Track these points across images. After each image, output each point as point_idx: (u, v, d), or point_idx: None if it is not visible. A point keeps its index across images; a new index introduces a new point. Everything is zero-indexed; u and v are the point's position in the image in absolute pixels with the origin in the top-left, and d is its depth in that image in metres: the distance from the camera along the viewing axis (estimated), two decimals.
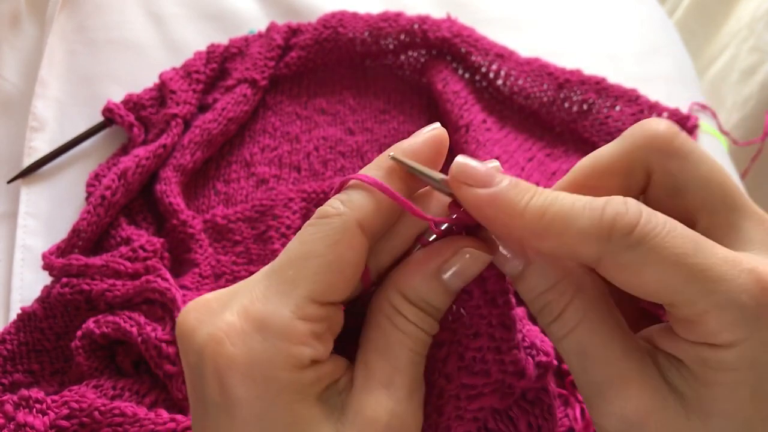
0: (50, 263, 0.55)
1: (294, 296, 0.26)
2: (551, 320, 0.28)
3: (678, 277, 0.24)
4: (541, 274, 0.28)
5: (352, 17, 0.72)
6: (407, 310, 0.28)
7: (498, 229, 0.27)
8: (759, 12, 0.95)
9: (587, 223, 0.25)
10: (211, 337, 0.26)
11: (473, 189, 0.27)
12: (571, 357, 0.28)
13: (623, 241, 0.25)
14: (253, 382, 0.25)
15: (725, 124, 0.80)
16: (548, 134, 0.71)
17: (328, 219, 0.27)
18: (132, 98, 0.68)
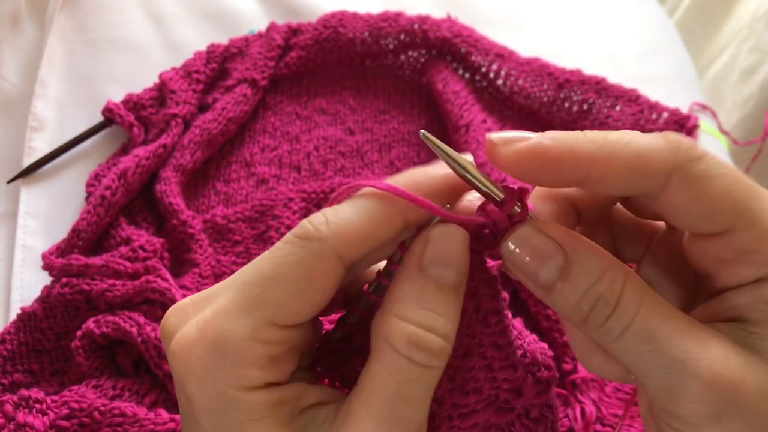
0: (50, 263, 0.55)
1: (255, 317, 0.25)
2: (608, 314, 0.25)
3: (738, 196, 0.24)
4: (586, 267, 0.25)
5: (352, 17, 0.72)
6: (399, 334, 0.25)
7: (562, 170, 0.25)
8: (759, 12, 0.95)
9: (653, 139, 0.25)
10: (174, 347, 0.26)
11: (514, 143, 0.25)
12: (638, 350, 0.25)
13: (690, 153, 0.25)
14: (207, 397, 0.25)
15: (725, 124, 0.80)
16: None
17: (307, 242, 0.25)
18: (132, 98, 0.68)
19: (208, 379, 0.25)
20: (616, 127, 0.69)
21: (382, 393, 0.25)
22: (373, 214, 0.26)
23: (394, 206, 0.26)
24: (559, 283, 0.25)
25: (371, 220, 0.25)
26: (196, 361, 0.25)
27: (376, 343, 0.26)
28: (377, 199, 0.26)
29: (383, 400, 0.25)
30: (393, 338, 0.25)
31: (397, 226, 0.26)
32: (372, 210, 0.26)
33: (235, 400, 0.25)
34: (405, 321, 0.25)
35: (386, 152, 0.69)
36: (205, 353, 0.25)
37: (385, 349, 0.25)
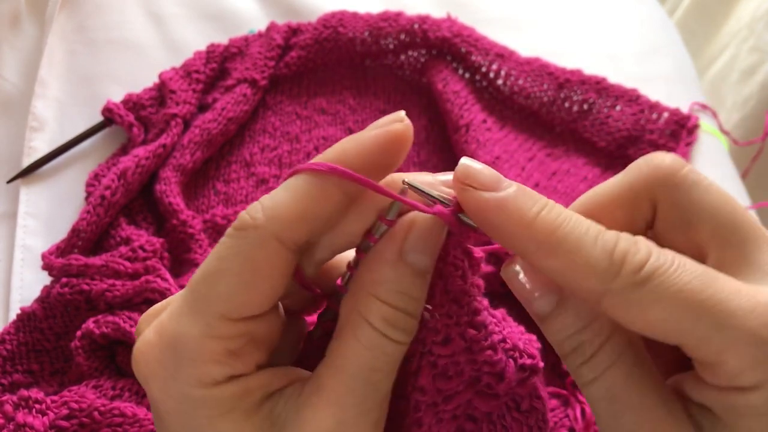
0: (50, 263, 0.54)
1: (205, 314, 0.25)
2: (583, 361, 0.26)
3: (688, 315, 0.23)
4: (576, 312, 0.26)
5: (352, 17, 0.72)
6: (376, 313, 0.26)
7: (502, 238, 0.26)
8: (759, 12, 0.95)
9: (598, 253, 0.24)
10: (135, 353, 0.26)
11: (479, 193, 0.25)
12: (599, 402, 0.26)
13: (631, 279, 0.23)
14: (171, 398, 0.26)
15: (725, 124, 0.80)
16: (548, 134, 0.71)
17: (244, 232, 0.25)
18: (132, 98, 0.67)
19: (169, 381, 0.25)
20: (617, 127, 0.69)
21: (355, 365, 0.26)
22: (305, 192, 0.25)
23: (327, 180, 0.26)
24: (550, 318, 0.27)
25: (304, 198, 0.25)
26: (156, 364, 0.26)
27: (351, 318, 0.27)
28: (308, 176, 0.26)
29: (356, 371, 0.26)
30: (371, 316, 0.26)
31: (335, 198, 0.26)
32: (304, 188, 0.26)
33: (197, 398, 0.25)
34: (383, 302, 0.26)
35: None
36: (162, 356, 0.26)
37: (362, 325, 0.26)
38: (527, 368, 0.30)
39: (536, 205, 0.25)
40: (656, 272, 0.23)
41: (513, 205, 0.25)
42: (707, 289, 0.23)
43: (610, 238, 0.24)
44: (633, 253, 0.24)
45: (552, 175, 0.68)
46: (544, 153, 0.70)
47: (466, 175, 0.26)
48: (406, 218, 0.27)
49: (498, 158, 0.65)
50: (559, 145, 0.70)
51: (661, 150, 0.69)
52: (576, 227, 0.24)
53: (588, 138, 0.70)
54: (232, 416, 0.26)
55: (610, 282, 0.24)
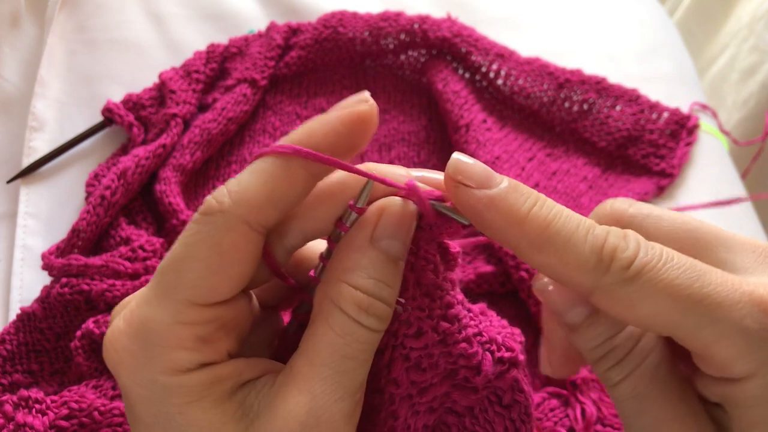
0: (50, 263, 0.54)
1: (174, 300, 0.25)
2: (613, 364, 0.27)
3: (676, 309, 0.24)
4: (609, 320, 0.27)
5: (352, 17, 0.72)
6: (349, 300, 0.26)
7: (494, 234, 0.26)
8: (759, 12, 0.95)
9: (588, 250, 0.24)
10: (105, 342, 0.26)
11: (470, 190, 0.25)
12: (626, 402, 0.27)
13: (620, 275, 0.24)
14: (140, 386, 0.25)
15: (725, 124, 0.80)
16: (548, 134, 0.71)
17: (211, 216, 0.25)
18: (132, 98, 0.67)
19: (138, 369, 0.25)
20: (617, 127, 0.69)
21: (329, 352, 0.26)
22: (271, 174, 0.25)
23: (292, 162, 0.25)
24: (584, 326, 0.27)
25: (271, 180, 0.25)
26: (124, 352, 0.26)
27: (324, 306, 0.26)
28: (274, 159, 0.26)
29: (330, 358, 0.26)
30: (344, 303, 0.26)
31: (301, 179, 0.26)
32: (270, 170, 0.25)
33: (167, 385, 0.25)
34: (356, 289, 0.26)
35: (386, 152, 0.69)
36: (131, 343, 0.25)
37: (334, 312, 0.26)
38: (506, 361, 0.30)
39: (528, 201, 0.25)
40: (645, 268, 0.24)
41: (504, 203, 0.25)
42: (694, 283, 0.24)
43: (600, 233, 0.25)
44: (622, 249, 0.24)
45: (552, 175, 0.68)
46: (544, 153, 0.70)
47: (457, 171, 0.26)
48: (376, 204, 0.27)
49: (498, 158, 0.65)
50: (559, 145, 0.70)
51: (661, 150, 0.68)
52: (567, 223, 0.25)
53: (588, 138, 0.70)
54: (202, 404, 0.25)
55: (600, 279, 0.24)
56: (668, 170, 0.68)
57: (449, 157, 0.27)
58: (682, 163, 0.69)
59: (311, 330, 0.27)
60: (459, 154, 0.26)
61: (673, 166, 0.68)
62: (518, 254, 0.26)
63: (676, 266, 0.24)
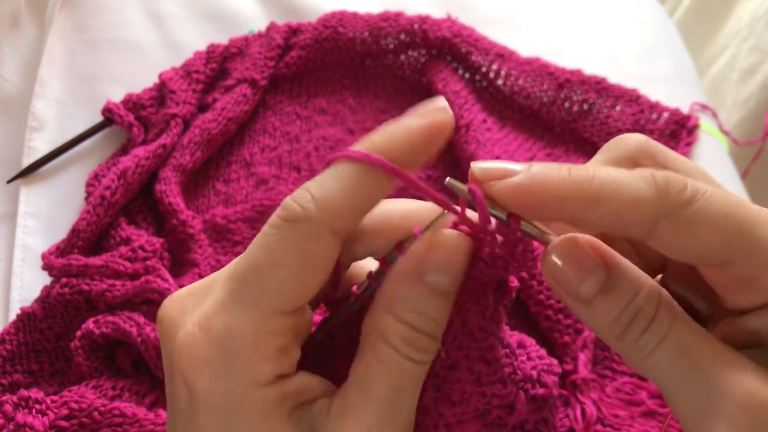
0: (50, 263, 0.54)
1: (260, 308, 0.24)
2: (645, 328, 0.26)
3: (733, 230, 0.24)
4: (627, 281, 0.26)
5: (352, 17, 0.72)
6: (395, 333, 0.26)
7: (545, 210, 0.25)
8: (759, 12, 0.95)
9: (642, 184, 0.24)
10: (177, 347, 0.25)
11: (508, 180, 0.25)
12: (668, 366, 0.25)
13: (679, 198, 0.24)
14: (215, 396, 0.25)
15: (725, 124, 0.80)
16: (548, 134, 0.71)
17: (296, 224, 0.24)
18: (132, 98, 0.67)
19: (218, 379, 0.25)
20: (617, 127, 0.69)
21: (380, 386, 0.25)
22: (357, 182, 0.25)
23: (378, 171, 0.25)
24: (598, 298, 0.26)
25: (356, 188, 0.25)
26: (203, 361, 0.25)
27: (371, 339, 0.26)
28: (358, 165, 0.25)
29: (382, 392, 0.25)
30: (389, 335, 0.26)
31: (385, 189, 0.26)
32: (354, 177, 0.25)
33: (245, 397, 0.25)
34: (401, 322, 0.26)
35: None
36: (211, 352, 0.25)
37: (380, 343, 0.26)
38: (538, 399, 0.29)
39: (562, 168, 0.25)
40: (698, 193, 0.24)
41: (543, 177, 0.24)
42: (742, 207, 0.25)
43: (645, 171, 0.25)
44: (672, 176, 0.25)
45: None
46: (544, 153, 0.70)
47: (485, 174, 0.25)
48: (427, 235, 0.27)
49: (498, 158, 0.65)
50: (559, 145, 0.70)
51: None
52: (609, 171, 0.25)
53: (588, 138, 0.70)
54: (271, 420, 0.25)
55: (662, 205, 0.24)
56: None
57: (449, 157, 0.26)
58: None
59: (360, 361, 0.26)
60: (477, 162, 0.26)
61: None
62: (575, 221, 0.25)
63: (724, 192, 0.25)
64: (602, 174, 0.24)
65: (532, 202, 0.25)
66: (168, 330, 0.27)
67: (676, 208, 0.24)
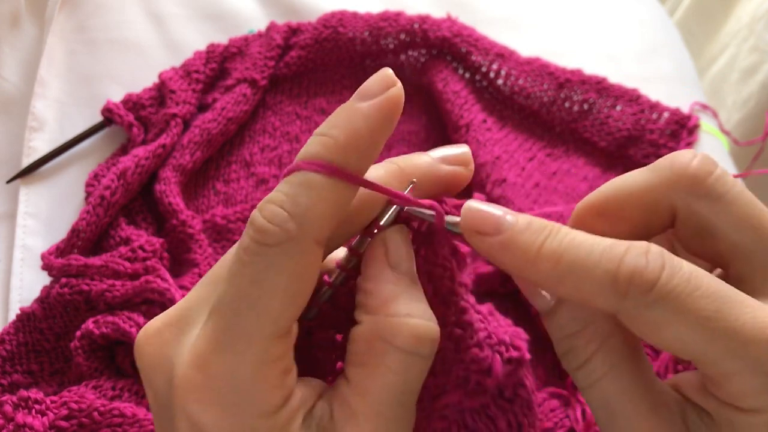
0: (49, 263, 0.54)
1: (257, 341, 0.24)
2: (576, 367, 0.27)
3: (701, 339, 0.23)
4: (570, 315, 0.26)
5: (352, 17, 0.72)
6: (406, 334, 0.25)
7: (514, 273, 0.26)
8: (759, 12, 0.95)
9: (603, 276, 0.24)
10: (177, 389, 0.25)
11: (483, 239, 0.26)
12: (596, 408, 0.27)
13: (641, 299, 0.23)
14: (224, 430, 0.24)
15: (726, 124, 0.80)
16: (548, 134, 0.71)
17: (279, 247, 0.24)
18: (131, 98, 0.67)
19: (226, 416, 0.24)
20: (617, 127, 0.69)
21: (388, 393, 0.25)
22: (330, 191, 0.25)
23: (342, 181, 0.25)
24: (549, 315, 0.27)
25: (331, 198, 0.25)
26: (207, 402, 0.24)
27: (376, 346, 0.26)
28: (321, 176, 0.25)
29: (391, 398, 0.25)
30: (399, 338, 0.25)
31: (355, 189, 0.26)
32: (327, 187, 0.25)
33: (258, 428, 0.24)
34: (408, 317, 0.26)
35: (386, 152, 0.69)
36: (215, 393, 0.24)
37: (390, 351, 0.25)
38: (513, 361, 0.30)
39: (539, 237, 0.25)
40: (669, 294, 0.23)
41: (517, 245, 0.25)
42: (719, 312, 0.23)
43: (617, 254, 0.24)
44: (641, 270, 0.23)
45: (552, 175, 0.68)
46: (544, 153, 0.70)
47: (471, 221, 0.26)
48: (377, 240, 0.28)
49: (498, 158, 0.65)
50: (559, 145, 0.70)
51: (661, 150, 0.68)
52: (578, 252, 0.24)
53: (588, 138, 0.70)
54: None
55: (620, 303, 0.24)
56: None
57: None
58: None
59: (366, 371, 0.26)
60: (472, 203, 0.26)
61: None
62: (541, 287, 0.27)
63: (705, 295, 0.23)
64: (570, 256, 0.24)
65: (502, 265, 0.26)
66: (152, 367, 0.26)
67: (634, 307, 0.24)
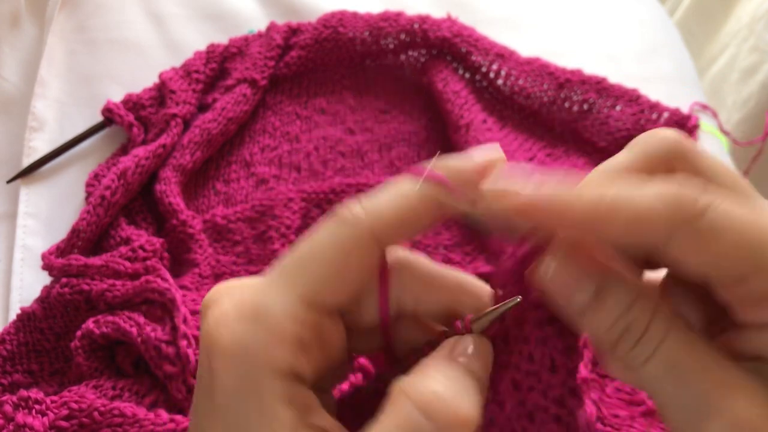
0: (50, 263, 0.54)
1: (291, 293, 0.26)
2: (636, 340, 0.25)
3: (753, 239, 0.23)
4: (619, 291, 0.26)
5: (352, 17, 0.72)
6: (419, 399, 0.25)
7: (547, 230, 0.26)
8: (759, 12, 0.95)
9: (652, 196, 0.24)
10: (209, 322, 0.26)
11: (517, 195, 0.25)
12: (659, 381, 0.25)
13: (693, 209, 0.23)
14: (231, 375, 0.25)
15: (726, 124, 0.80)
16: (548, 134, 0.71)
17: (342, 225, 0.26)
18: (132, 98, 0.67)
19: (237, 356, 0.25)
20: (617, 127, 0.69)
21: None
22: (409, 198, 0.26)
23: (430, 189, 0.26)
24: (591, 308, 0.26)
25: (406, 204, 0.26)
26: (228, 335, 0.25)
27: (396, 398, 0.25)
28: (414, 183, 0.26)
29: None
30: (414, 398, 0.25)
31: (433, 209, 0.27)
32: (408, 194, 0.26)
33: (259, 382, 0.25)
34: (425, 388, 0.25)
35: (386, 152, 0.69)
36: (237, 327, 0.25)
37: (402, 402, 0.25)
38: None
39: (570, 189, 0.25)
40: (711, 205, 0.24)
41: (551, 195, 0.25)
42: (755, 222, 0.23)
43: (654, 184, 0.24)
44: (684, 185, 0.24)
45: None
46: (544, 153, 0.70)
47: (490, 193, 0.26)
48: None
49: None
50: (559, 145, 0.70)
51: None
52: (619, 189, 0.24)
53: (588, 138, 0.70)
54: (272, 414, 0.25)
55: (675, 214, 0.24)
56: None
57: (449, 157, 0.27)
58: None
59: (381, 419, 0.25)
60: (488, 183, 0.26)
61: None
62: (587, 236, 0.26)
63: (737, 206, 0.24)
64: (613, 190, 0.24)
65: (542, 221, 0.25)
66: (205, 309, 0.27)
67: (691, 219, 0.23)
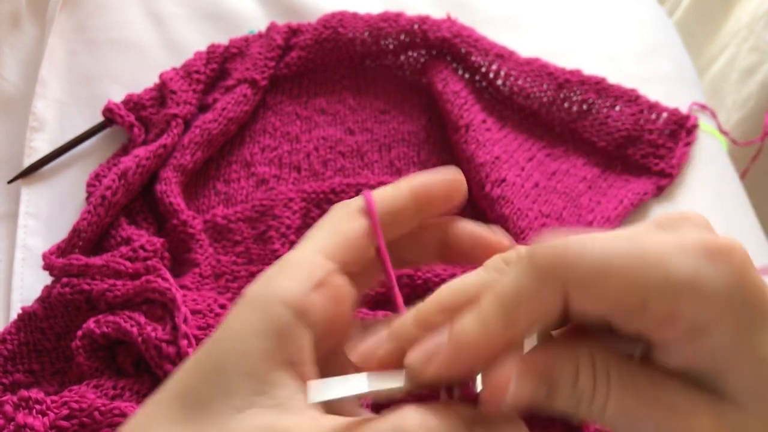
0: (50, 263, 0.55)
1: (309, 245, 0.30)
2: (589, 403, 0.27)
3: (638, 272, 0.24)
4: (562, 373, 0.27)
5: (352, 17, 0.72)
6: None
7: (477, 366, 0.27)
8: (759, 12, 0.95)
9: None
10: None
11: (438, 358, 0.26)
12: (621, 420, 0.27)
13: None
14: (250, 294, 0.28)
15: (725, 124, 0.80)
16: (548, 134, 0.71)
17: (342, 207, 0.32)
18: (132, 98, 0.68)
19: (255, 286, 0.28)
20: (616, 127, 0.69)
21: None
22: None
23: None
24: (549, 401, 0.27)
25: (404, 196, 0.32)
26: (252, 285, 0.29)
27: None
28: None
29: None
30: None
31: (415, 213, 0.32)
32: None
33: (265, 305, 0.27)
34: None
35: (386, 152, 0.69)
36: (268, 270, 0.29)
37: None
38: None
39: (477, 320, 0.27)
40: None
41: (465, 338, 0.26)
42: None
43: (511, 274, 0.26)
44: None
45: (552, 175, 0.68)
46: (544, 153, 0.70)
47: (420, 363, 0.27)
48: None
49: (498, 158, 0.65)
50: (558, 145, 0.70)
51: (660, 150, 0.68)
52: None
53: (588, 138, 0.70)
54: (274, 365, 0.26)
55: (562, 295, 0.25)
56: (668, 170, 0.68)
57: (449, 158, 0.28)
58: (682, 163, 0.69)
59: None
60: (409, 357, 0.27)
61: (673, 166, 0.68)
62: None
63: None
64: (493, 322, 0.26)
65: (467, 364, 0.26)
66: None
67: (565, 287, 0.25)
